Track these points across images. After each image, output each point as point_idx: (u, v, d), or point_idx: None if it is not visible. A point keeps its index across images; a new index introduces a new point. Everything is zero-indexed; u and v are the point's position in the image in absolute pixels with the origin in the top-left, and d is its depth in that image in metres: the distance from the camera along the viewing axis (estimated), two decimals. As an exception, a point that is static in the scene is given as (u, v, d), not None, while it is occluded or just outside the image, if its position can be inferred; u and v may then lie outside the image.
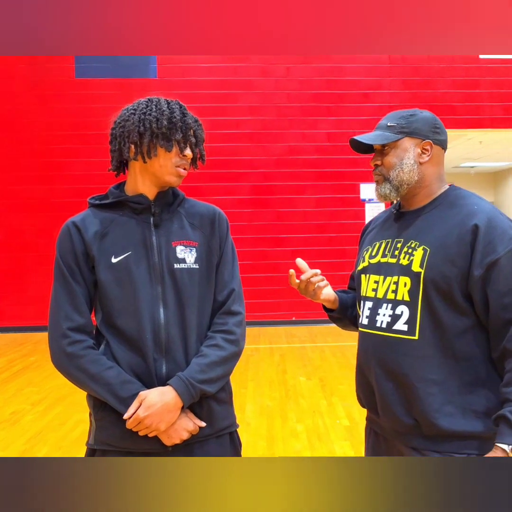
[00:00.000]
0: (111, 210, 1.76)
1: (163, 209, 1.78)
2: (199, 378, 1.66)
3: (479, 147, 12.08)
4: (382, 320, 1.71)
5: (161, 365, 1.68)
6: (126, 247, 1.71)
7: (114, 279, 1.68)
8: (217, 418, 1.75)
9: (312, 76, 9.87)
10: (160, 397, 1.62)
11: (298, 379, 6.20)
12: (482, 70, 9.88)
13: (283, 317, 9.76)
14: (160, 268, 1.71)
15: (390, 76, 9.87)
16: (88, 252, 1.70)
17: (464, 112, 9.60)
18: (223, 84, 9.86)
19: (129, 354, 1.68)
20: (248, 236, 9.85)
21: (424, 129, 1.74)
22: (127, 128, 1.71)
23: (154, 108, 1.70)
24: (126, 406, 1.62)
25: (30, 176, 9.66)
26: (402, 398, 1.65)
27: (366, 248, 1.89)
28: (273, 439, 4.39)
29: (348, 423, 4.70)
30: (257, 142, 9.90)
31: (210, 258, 1.79)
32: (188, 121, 1.72)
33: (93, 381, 1.64)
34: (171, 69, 9.82)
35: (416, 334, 1.63)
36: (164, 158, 1.70)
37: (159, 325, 1.68)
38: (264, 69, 9.86)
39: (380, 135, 1.75)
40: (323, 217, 9.93)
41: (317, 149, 9.92)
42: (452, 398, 1.60)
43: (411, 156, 1.73)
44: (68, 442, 4.34)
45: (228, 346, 1.74)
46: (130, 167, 1.78)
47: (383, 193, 1.76)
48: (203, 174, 9.61)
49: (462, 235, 1.60)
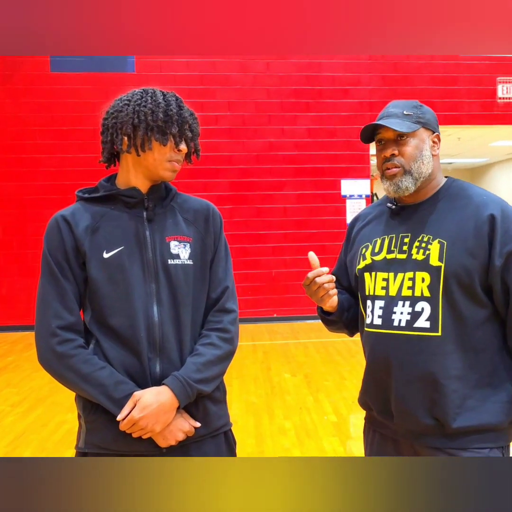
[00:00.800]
0: (101, 204, 1.69)
1: (157, 203, 1.72)
2: (195, 377, 1.61)
3: (457, 143, 12.17)
4: (400, 318, 1.63)
5: (155, 364, 1.63)
6: (118, 242, 1.64)
7: (106, 276, 1.62)
8: (213, 418, 1.70)
9: (291, 72, 9.83)
10: (156, 397, 1.57)
11: (283, 376, 6.16)
12: (460, 66, 9.95)
13: (264, 314, 9.71)
14: (154, 264, 1.65)
15: (369, 72, 9.87)
16: (79, 248, 1.63)
17: (443, 109, 9.63)
18: (201, 79, 9.76)
19: (121, 353, 1.61)
20: (228, 233, 9.48)
21: (433, 121, 1.72)
22: (120, 119, 1.64)
23: (149, 100, 1.63)
24: (119, 407, 1.56)
25: (0, 173, 9.44)
26: (425, 398, 1.60)
27: (364, 245, 1.80)
28: (262, 436, 4.33)
29: (336, 419, 4.67)
30: (236, 138, 9.82)
31: (204, 254, 1.74)
32: (185, 114, 1.66)
33: (85, 381, 1.57)
34: (148, 63, 9.69)
35: (439, 330, 1.59)
36: (159, 152, 1.65)
37: (153, 323, 1.62)
38: (243, 65, 9.79)
39: (401, 123, 1.65)
40: (303, 213, 9.90)
41: (297, 145, 9.88)
42: (472, 392, 1.58)
43: (428, 147, 1.68)
44: (51, 443, 4.23)
45: (223, 345, 1.70)
46: (122, 159, 1.71)
47: (404, 187, 1.66)
48: (181, 170, 9.46)
49: (478, 227, 1.57)
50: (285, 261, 9.81)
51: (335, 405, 5.03)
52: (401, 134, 1.66)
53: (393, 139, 1.68)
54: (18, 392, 5.66)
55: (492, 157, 15.83)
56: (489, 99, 10.06)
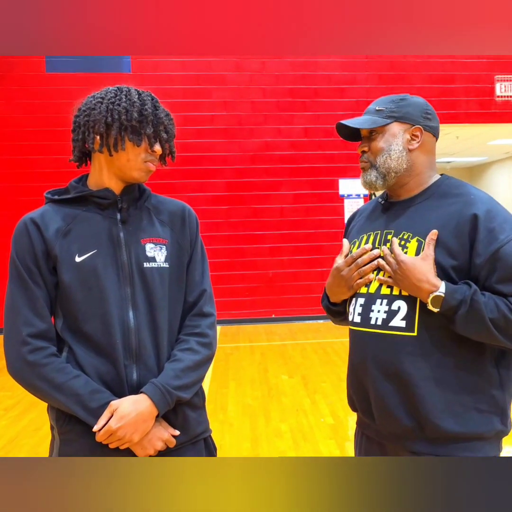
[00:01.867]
0: (72, 206, 1.63)
1: (130, 204, 1.66)
2: (174, 384, 1.56)
3: (456, 142, 12.13)
4: (377, 317, 1.60)
5: (132, 372, 1.57)
6: (91, 245, 1.58)
7: (78, 280, 1.55)
8: (192, 425, 1.65)
9: (287, 71, 9.78)
10: (134, 406, 1.51)
11: (280, 377, 6.10)
12: (457, 64, 9.90)
13: (262, 315, 9.66)
14: (129, 268, 1.59)
15: (366, 71, 9.82)
16: (49, 252, 1.56)
17: (440, 107, 9.57)
18: (196, 79, 9.71)
19: (96, 361, 1.55)
20: (224, 233, 9.72)
21: (415, 114, 1.66)
22: (92, 118, 1.58)
23: (124, 98, 1.57)
24: (96, 418, 1.50)
25: None
26: (403, 399, 1.55)
27: (353, 241, 1.77)
28: (257, 439, 4.27)
29: (333, 421, 4.60)
30: (232, 138, 9.77)
31: (181, 256, 1.69)
32: (160, 115, 1.60)
33: (59, 391, 1.50)
34: (144, 63, 9.64)
35: (415, 330, 1.53)
36: (133, 152, 1.58)
37: (129, 328, 1.57)
38: (239, 64, 9.74)
39: (368, 120, 1.67)
40: (300, 213, 9.84)
41: (293, 145, 9.83)
42: (453, 397, 1.52)
43: (399, 142, 1.64)
44: (45, 448, 4.14)
45: (202, 350, 1.65)
46: (94, 159, 1.65)
47: (369, 181, 1.67)
48: (177, 171, 9.45)
49: (460, 226, 1.52)
50: (282, 261, 9.75)
51: (332, 407, 4.96)
52: (372, 130, 1.67)
53: (367, 135, 1.70)
54: (12, 395, 5.59)
55: (491, 155, 15.78)
56: (487, 97, 10.01)
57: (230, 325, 9.40)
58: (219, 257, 9.69)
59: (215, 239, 9.69)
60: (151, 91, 1.66)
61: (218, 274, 9.77)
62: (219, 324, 9.61)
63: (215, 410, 4.95)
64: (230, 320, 9.46)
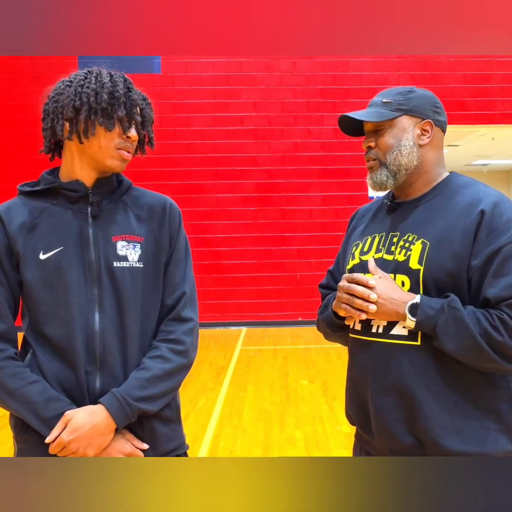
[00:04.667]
0: (42, 199, 1.52)
1: (103, 197, 1.54)
2: (136, 395, 1.44)
3: (491, 143, 11.83)
4: (378, 324, 1.49)
5: (95, 379, 1.46)
6: (57, 242, 1.47)
7: (42, 279, 1.45)
8: (162, 440, 1.52)
9: (317, 71, 9.67)
10: (88, 418, 1.39)
11: (300, 382, 6.00)
12: (493, 64, 9.64)
13: (288, 317, 9.57)
14: (97, 267, 1.48)
15: (398, 71, 9.65)
16: (12, 247, 1.45)
17: (475, 108, 9.36)
18: (227, 79, 9.67)
19: (57, 366, 1.45)
20: (252, 235, 9.67)
21: (424, 107, 1.55)
22: (61, 103, 1.47)
23: (93, 80, 1.46)
24: (49, 428, 1.39)
25: (30, 173, 9.44)
26: (403, 414, 1.45)
27: (355, 243, 1.66)
28: (269, 446, 4.18)
29: (349, 430, 4.47)
30: (261, 138, 9.71)
31: (158, 256, 1.55)
32: (134, 96, 1.49)
33: (12, 398, 1.41)
34: (174, 64, 9.64)
35: (418, 339, 1.43)
36: (104, 138, 1.46)
37: (93, 333, 1.46)
38: (269, 64, 9.68)
39: (375, 112, 1.54)
40: (329, 215, 9.73)
41: (323, 146, 9.73)
42: (460, 413, 1.41)
43: (410, 137, 1.53)
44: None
45: (174, 358, 1.51)
46: (65, 148, 1.54)
47: (379, 181, 1.55)
48: (206, 172, 9.45)
49: (467, 226, 1.41)
50: (310, 264, 9.64)
51: (350, 414, 4.84)
52: (378, 124, 1.54)
53: (373, 130, 1.56)
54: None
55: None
56: (524, 97, 9.72)
57: (256, 327, 9.34)
58: (247, 258, 9.64)
59: (243, 240, 9.65)
60: (180, 92, 1.56)
61: (245, 276, 9.72)
62: (245, 326, 9.58)
63: (230, 415, 4.88)
64: (256, 322, 9.40)
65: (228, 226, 9.81)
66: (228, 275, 9.80)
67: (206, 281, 9.46)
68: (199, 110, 9.47)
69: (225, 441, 4.28)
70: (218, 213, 9.78)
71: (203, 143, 9.46)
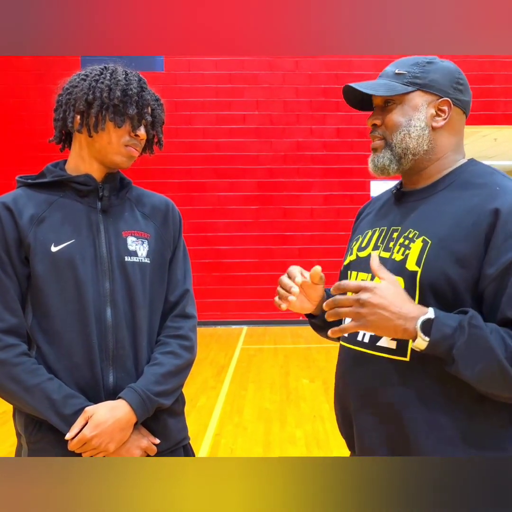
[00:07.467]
0: (48, 191, 1.51)
1: (112, 193, 1.54)
2: (155, 390, 1.46)
3: (494, 144, 11.81)
4: (365, 333, 1.30)
5: (108, 375, 1.46)
6: (68, 234, 1.45)
7: (53, 272, 1.42)
8: (173, 432, 1.56)
9: (320, 70, 9.66)
10: (110, 413, 1.40)
11: (301, 381, 5.99)
12: (496, 64, 9.61)
13: (289, 316, 9.54)
14: (109, 261, 1.48)
15: (401, 70, 9.62)
16: (22, 240, 1.42)
17: (478, 108, 9.31)
18: (229, 78, 9.66)
19: (69, 363, 1.43)
20: (253, 234, 9.66)
21: (444, 83, 1.32)
22: (74, 95, 1.49)
23: (108, 76, 1.48)
24: (69, 425, 1.39)
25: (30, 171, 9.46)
26: (387, 439, 1.27)
27: (357, 237, 1.48)
28: (270, 445, 4.18)
29: (350, 429, 4.48)
30: (264, 137, 9.70)
31: (163, 253, 1.58)
32: (146, 96, 1.50)
33: (30, 394, 1.38)
34: (177, 62, 9.63)
35: (407, 354, 1.23)
36: (114, 134, 1.47)
37: (106, 328, 1.45)
38: (271, 63, 9.66)
39: (384, 85, 1.33)
40: (331, 214, 9.72)
41: (325, 145, 9.71)
42: (453, 446, 1.22)
43: (422, 116, 1.31)
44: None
45: (184, 354, 1.55)
46: (75, 141, 1.55)
47: (381, 164, 1.35)
48: (208, 170, 9.44)
49: (477, 225, 1.19)
50: (312, 263, 9.49)
51: (351, 414, 4.84)
52: (388, 99, 1.33)
53: (381, 105, 1.36)
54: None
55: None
56: (526, 98, 9.71)
57: (256, 326, 9.34)
58: (248, 257, 9.63)
59: (244, 239, 9.64)
60: (183, 90, 1.57)
61: (246, 275, 9.72)
62: (246, 325, 9.57)
63: (230, 413, 4.88)
64: (257, 321, 9.39)
65: (229, 225, 9.80)
66: (229, 273, 9.80)
67: (207, 280, 9.46)
68: (202, 108, 9.46)
69: (226, 440, 4.27)
70: (220, 211, 9.78)
71: (205, 141, 9.45)
